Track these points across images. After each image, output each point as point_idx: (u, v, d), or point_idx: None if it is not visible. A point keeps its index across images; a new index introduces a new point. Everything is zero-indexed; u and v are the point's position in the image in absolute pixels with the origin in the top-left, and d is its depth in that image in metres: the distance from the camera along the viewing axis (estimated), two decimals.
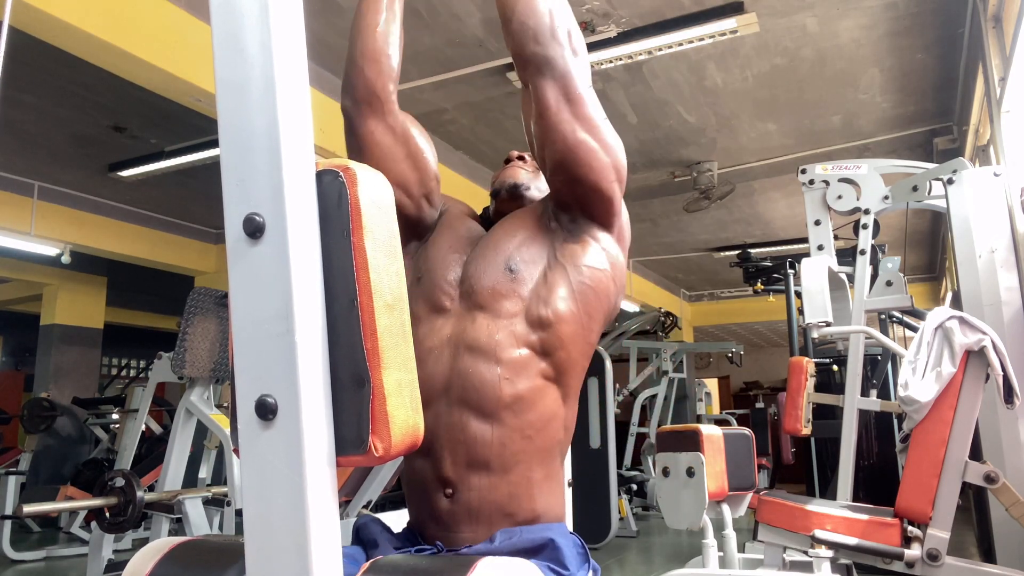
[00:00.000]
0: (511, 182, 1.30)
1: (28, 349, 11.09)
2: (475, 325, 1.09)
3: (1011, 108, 3.33)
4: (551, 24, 1.10)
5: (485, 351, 1.06)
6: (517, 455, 1.05)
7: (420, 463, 1.07)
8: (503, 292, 1.10)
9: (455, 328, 1.10)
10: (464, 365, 1.06)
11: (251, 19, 0.71)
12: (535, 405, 1.07)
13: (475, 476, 1.04)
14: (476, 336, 1.08)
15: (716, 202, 6.48)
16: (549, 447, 1.09)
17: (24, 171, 6.07)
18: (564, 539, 1.01)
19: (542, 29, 1.09)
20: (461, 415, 1.05)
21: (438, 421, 1.05)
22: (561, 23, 1.11)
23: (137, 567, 0.90)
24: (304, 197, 0.71)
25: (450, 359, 1.08)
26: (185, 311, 3.15)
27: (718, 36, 4.06)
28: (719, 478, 2.71)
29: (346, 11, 3.89)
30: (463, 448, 1.04)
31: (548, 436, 1.08)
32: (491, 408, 1.04)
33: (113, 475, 2.90)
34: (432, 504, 1.06)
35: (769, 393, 12.56)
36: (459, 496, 1.04)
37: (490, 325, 1.08)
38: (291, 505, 0.67)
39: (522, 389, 1.06)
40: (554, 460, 1.11)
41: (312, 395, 0.68)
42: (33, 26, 3.16)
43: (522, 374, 1.06)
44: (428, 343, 1.10)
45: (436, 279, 1.15)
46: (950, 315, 2.02)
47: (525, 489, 1.05)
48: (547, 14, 1.10)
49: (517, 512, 1.04)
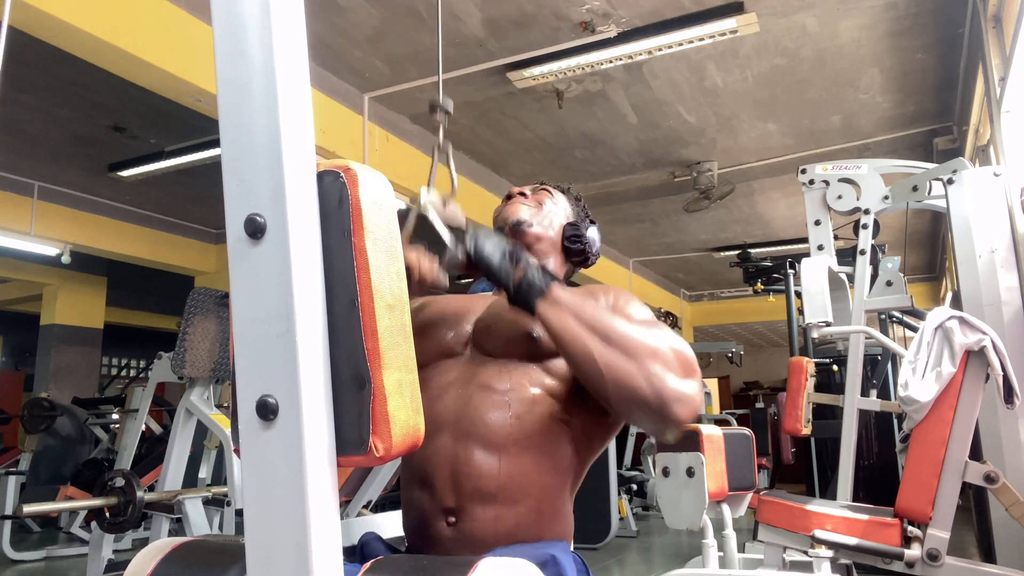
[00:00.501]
0: (514, 219, 1.29)
1: (28, 349, 11.08)
2: (486, 367, 1.09)
3: (1011, 108, 3.33)
4: (660, 402, 0.94)
5: (497, 388, 1.07)
6: (525, 488, 1.04)
7: (419, 494, 1.07)
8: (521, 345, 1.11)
9: (467, 369, 1.11)
10: (474, 402, 1.06)
11: (252, 19, 0.71)
12: (546, 443, 1.06)
13: (479, 507, 1.03)
14: (488, 375, 1.08)
15: (716, 202, 6.48)
16: (559, 482, 1.08)
17: (24, 171, 6.07)
18: (565, 556, 1.00)
19: (652, 411, 0.95)
20: (467, 447, 1.04)
21: (441, 453, 1.05)
22: (667, 386, 0.94)
23: (138, 568, 0.90)
24: (305, 197, 0.71)
25: (458, 395, 1.08)
26: (185, 311, 3.15)
27: (718, 36, 4.06)
28: (719, 478, 2.70)
29: (346, 11, 3.89)
30: (467, 480, 1.03)
31: (558, 473, 1.08)
32: (500, 441, 1.04)
33: (113, 475, 2.90)
34: (433, 532, 1.05)
35: (769, 393, 12.55)
36: (462, 525, 1.03)
37: (502, 368, 1.09)
38: (291, 505, 0.67)
39: (533, 427, 1.05)
40: (563, 492, 1.10)
41: (313, 395, 0.68)
42: (33, 26, 3.16)
43: (533, 411, 1.06)
44: (438, 382, 1.11)
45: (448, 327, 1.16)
46: (950, 315, 2.02)
47: (533, 520, 1.04)
48: (653, 394, 0.94)
49: (523, 539, 1.04)
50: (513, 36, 4.17)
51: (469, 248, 1.03)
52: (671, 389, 0.94)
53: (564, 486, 1.10)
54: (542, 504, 1.05)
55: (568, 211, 1.38)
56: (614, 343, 0.95)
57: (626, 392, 0.94)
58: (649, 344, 0.96)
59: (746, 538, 3.65)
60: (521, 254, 1.03)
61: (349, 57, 4.39)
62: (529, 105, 5.08)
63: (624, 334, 0.96)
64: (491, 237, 1.04)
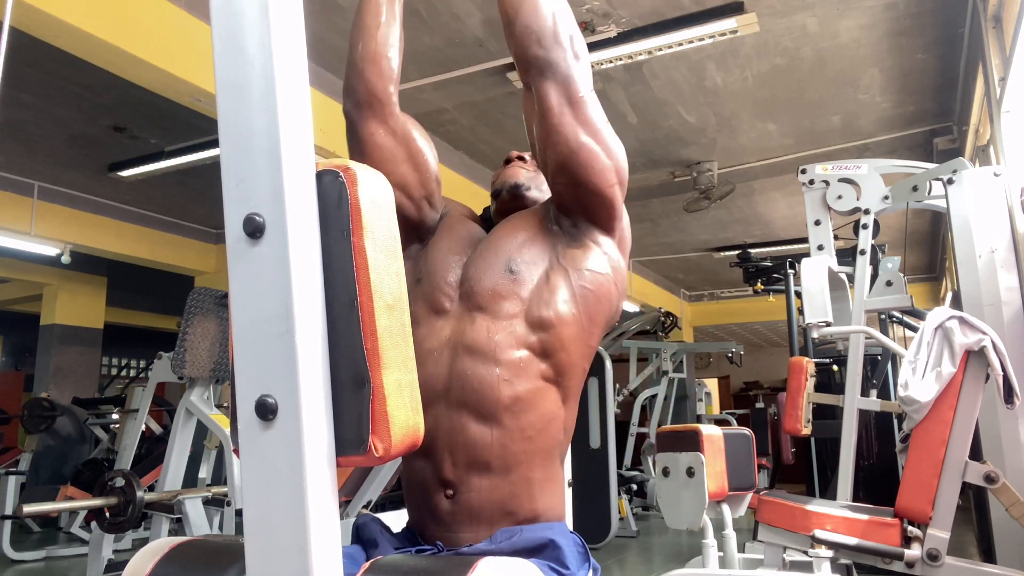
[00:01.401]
0: (512, 182, 1.30)
1: (28, 349, 11.09)
2: (474, 326, 1.09)
3: (1011, 108, 3.33)
4: (554, 28, 1.11)
5: (484, 352, 1.06)
6: (517, 456, 1.05)
7: (420, 464, 1.07)
8: (503, 293, 1.10)
9: (454, 329, 1.10)
10: (463, 367, 1.06)
11: (251, 19, 0.71)
12: (535, 406, 1.07)
13: (476, 477, 1.04)
14: (475, 337, 1.08)
15: (716, 202, 6.48)
16: (549, 448, 1.09)
17: (24, 171, 6.07)
18: (564, 538, 1.01)
19: (545, 33, 1.10)
20: (461, 417, 1.05)
21: (438, 423, 1.05)
22: (564, 27, 1.12)
23: (137, 567, 0.90)
24: (304, 197, 0.71)
25: (449, 361, 1.08)
26: (185, 311, 3.15)
27: (718, 36, 4.06)
28: (719, 478, 2.71)
29: (346, 11, 3.89)
30: (463, 450, 1.04)
31: (548, 437, 1.09)
32: (490, 410, 1.04)
33: (113, 475, 2.90)
34: (432, 504, 1.06)
35: (769, 393, 12.56)
36: (460, 497, 1.04)
37: (489, 326, 1.08)
38: (291, 505, 0.67)
39: (521, 390, 1.06)
40: (554, 461, 1.11)
41: (312, 395, 0.68)
42: (33, 26, 3.16)
43: (521, 375, 1.06)
44: (427, 344, 1.10)
45: (436, 280, 1.15)
46: (950, 315, 2.02)
47: (526, 489, 1.05)
48: (550, 18, 1.11)
49: (518, 512, 1.05)
50: None
51: None
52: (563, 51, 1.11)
53: (554, 450, 1.11)
54: (534, 472, 1.07)
55: None
56: None
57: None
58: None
59: (746, 538, 3.65)
60: None
61: None
62: None
63: None
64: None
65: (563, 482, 1.15)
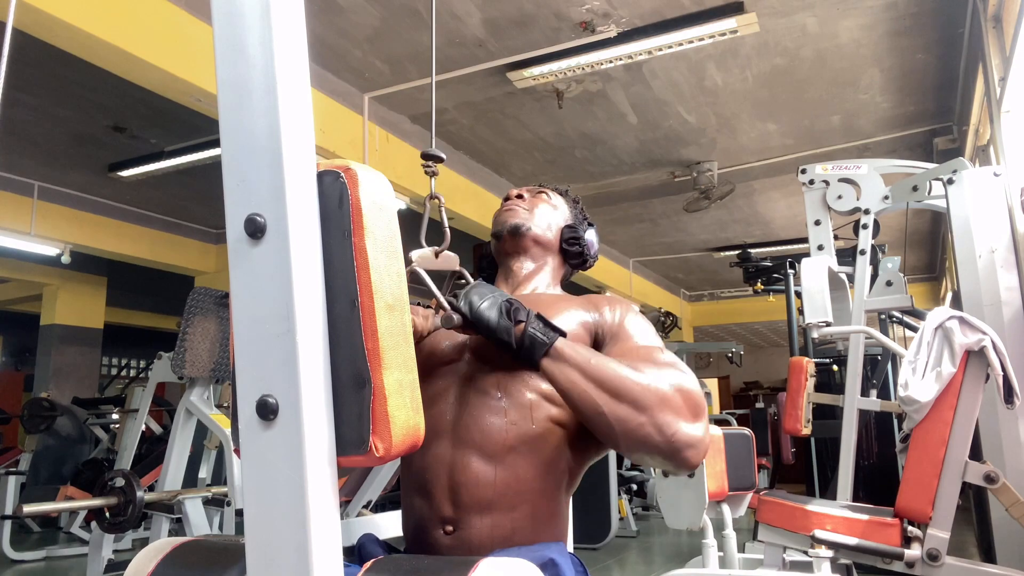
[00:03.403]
0: (512, 223, 1.30)
1: (28, 349, 11.09)
2: (483, 373, 1.09)
3: (1011, 108, 3.33)
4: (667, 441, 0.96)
5: (493, 394, 1.06)
6: (522, 495, 1.04)
7: (418, 502, 1.07)
8: None
9: (464, 373, 1.11)
10: (471, 408, 1.06)
11: (252, 19, 0.71)
12: (541, 448, 1.06)
13: (476, 516, 1.03)
14: (484, 380, 1.08)
15: (716, 202, 6.48)
16: (555, 487, 1.09)
17: (24, 171, 6.07)
18: (563, 558, 1.00)
19: (661, 451, 0.97)
20: (464, 455, 1.04)
21: (439, 460, 1.05)
22: (675, 433, 0.96)
23: (138, 567, 0.90)
24: (305, 198, 0.71)
25: (457, 400, 1.08)
26: (185, 311, 3.14)
27: (718, 36, 4.06)
28: (719, 478, 2.71)
29: (346, 11, 3.89)
30: (464, 489, 1.03)
31: (553, 477, 1.08)
32: (496, 450, 1.04)
33: (113, 475, 2.90)
34: (432, 540, 1.05)
35: (769, 393, 12.55)
36: (460, 534, 1.03)
37: (499, 374, 1.08)
38: (292, 505, 0.67)
39: (528, 432, 1.05)
40: (559, 496, 1.10)
41: (313, 395, 0.68)
42: (33, 26, 3.16)
43: (529, 418, 1.06)
44: (435, 387, 1.10)
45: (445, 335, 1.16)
46: (950, 315, 2.02)
47: (529, 525, 1.05)
48: (658, 435, 0.96)
49: (521, 544, 1.04)
50: (513, 36, 4.17)
51: (464, 309, 1.00)
52: (682, 436, 0.95)
53: (559, 489, 1.10)
54: (538, 509, 1.06)
55: (566, 213, 1.38)
56: (623, 397, 0.95)
57: (638, 443, 0.96)
58: (658, 391, 0.96)
59: (746, 538, 3.65)
60: (519, 307, 1.00)
61: (349, 57, 4.39)
62: (529, 105, 5.08)
63: (631, 385, 0.96)
64: (484, 295, 1.01)
65: (567, 513, 1.14)
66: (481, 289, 1.03)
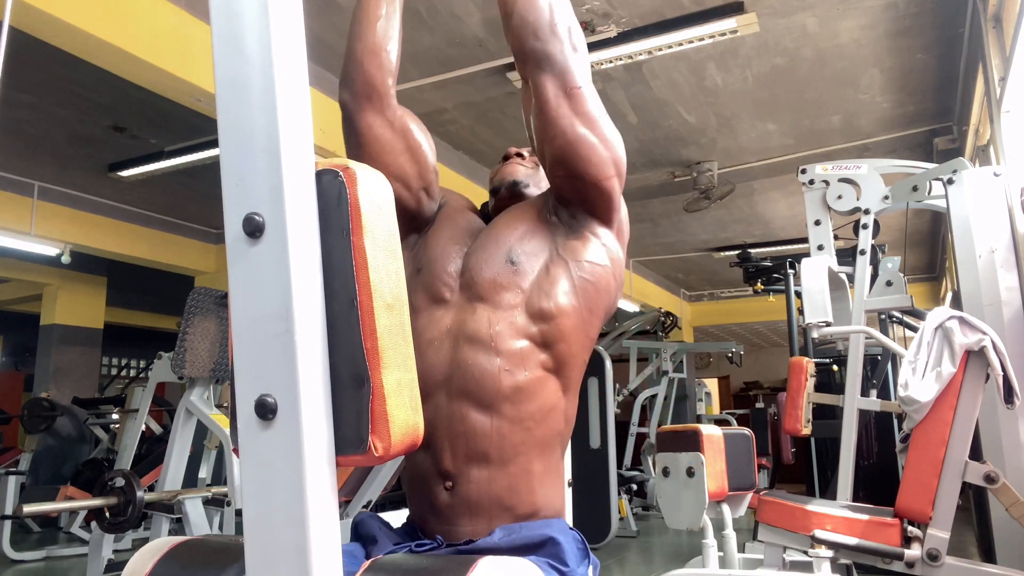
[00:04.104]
0: (510, 179, 1.30)
1: (28, 349, 11.09)
2: (475, 316, 1.09)
3: (1011, 108, 3.33)
4: (551, 20, 1.11)
5: (484, 342, 1.06)
6: (516, 447, 1.05)
7: (420, 456, 1.07)
8: (504, 283, 1.10)
9: (455, 319, 1.10)
10: (463, 356, 1.07)
11: (251, 19, 0.71)
12: (535, 396, 1.07)
13: (474, 468, 1.04)
14: (476, 327, 1.08)
15: (716, 202, 6.48)
16: (549, 439, 1.09)
17: (24, 171, 6.07)
18: (564, 535, 1.01)
19: (542, 24, 1.10)
20: (460, 406, 1.05)
21: (438, 413, 1.05)
22: (561, 19, 1.12)
23: (137, 567, 0.90)
24: (304, 197, 0.71)
25: (450, 350, 1.08)
26: (185, 311, 3.15)
27: (718, 36, 4.06)
28: (719, 478, 2.71)
29: (346, 11, 3.89)
30: (462, 440, 1.04)
31: (548, 428, 1.09)
32: (490, 399, 1.04)
33: (113, 475, 2.90)
34: (432, 497, 1.06)
35: (769, 393, 12.56)
36: (458, 489, 1.04)
37: (490, 316, 1.08)
38: (291, 505, 0.67)
39: (521, 380, 1.06)
40: (554, 453, 1.11)
41: (312, 395, 0.68)
42: (33, 26, 3.16)
43: (522, 365, 1.06)
44: (428, 334, 1.10)
45: (436, 270, 1.15)
46: (950, 315, 2.02)
47: (524, 482, 1.05)
48: (547, 10, 1.11)
49: (516, 505, 1.04)
50: None
51: None
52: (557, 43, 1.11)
53: (554, 441, 1.10)
54: (533, 462, 1.06)
55: None
56: None
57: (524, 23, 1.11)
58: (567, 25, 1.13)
59: (746, 538, 3.65)
60: None
61: None
62: None
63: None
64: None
65: (563, 476, 1.15)
66: None
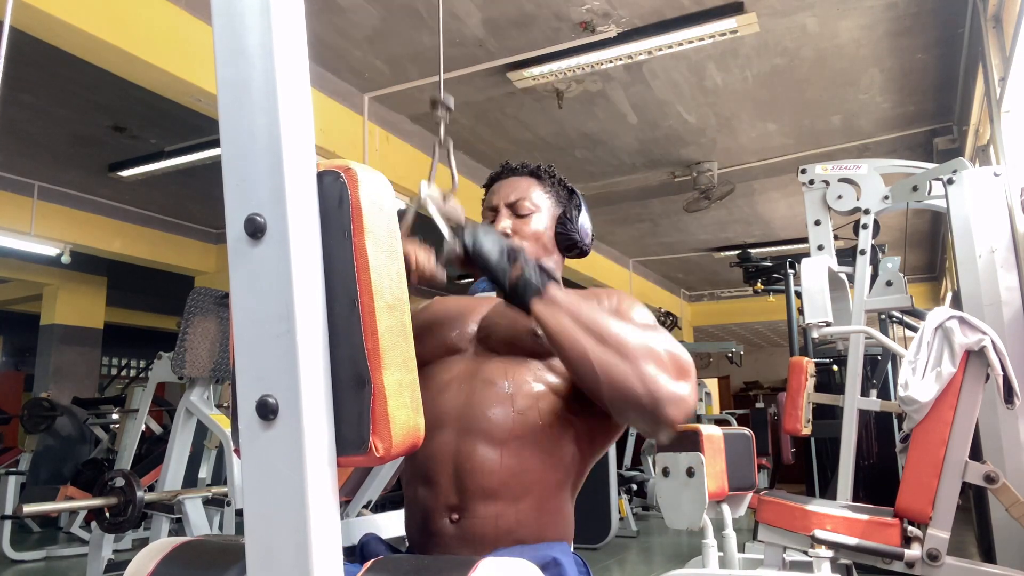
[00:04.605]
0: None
1: (28, 349, 11.08)
2: (490, 363, 1.10)
3: (1011, 108, 3.33)
4: (653, 400, 0.94)
5: (501, 383, 1.07)
6: (527, 485, 1.04)
7: (422, 491, 1.07)
8: (526, 345, 1.11)
9: (470, 365, 1.11)
10: (478, 396, 1.07)
11: (252, 19, 0.71)
12: (548, 439, 1.06)
13: (482, 505, 1.03)
14: (491, 371, 1.08)
15: (716, 202, 6.48)
16: (560, 480, 1.08)
17: (24, 171, 6.07)
18: (566, 557, 1.00)
19: (644, 408, 0.95)
20: (470, 443, 1.04)
21: (444, 449, 1.05)
22: (659, 384, 0.94)
23: (138, 567, 0.90)
24: (305, 198, 0.71)
25: (464, 391, 1.08)
26: (185, 311, 3.14)
27: (718, 36, 4.06)
28: (719, 478, 2.70)
29: (346, 11, 3.89)
30: (471, 476, 1.03)
31: (559, 470, 1.08)
32: (502, 437, 1.04)
33: (113, 475, 2.90)
34: (436, 528, 1.05)
35: (769, 393, 12.55)
36: (464, 523, 1.03)
37: (507, 364, 1.09)
38: (292, 505, 0.67)
39: (535, 422, 1.06)
40: (564, 491, 1.10)
41: (313, 395, 0.68)
42: (33, 26, 3.16)
43: (536, 407, 1.06)
44: (441, 378, 1.11)
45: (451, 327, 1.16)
46: (950, 315, 2.02)
47: (534, 518, 1.05)
48: (640, 385, 0.94)
49: (525, 538, 1.04)
50: (513, 36, 4.17)
51: (467, 244, 1.01)
52: (665, 390, 0.93)
53: (566, 484, 1.10)
54: (543, 502, 1.06)
55: (549, 205, 1.33)
56: (609, 344, 0.95)
57: (620, 392, 0.94)
58: (644, 345, 0.96)
59: (746, 538, 3.65)
60: (519, 252, 1.02)
61: (349, 57, 4.39)
62: (529, 105, 5.08)
63: (619, 335, 0.96)
64: (490, 234, 1.03)
65: (571, 510, 1.14)
66: (487, 228, 1.05)
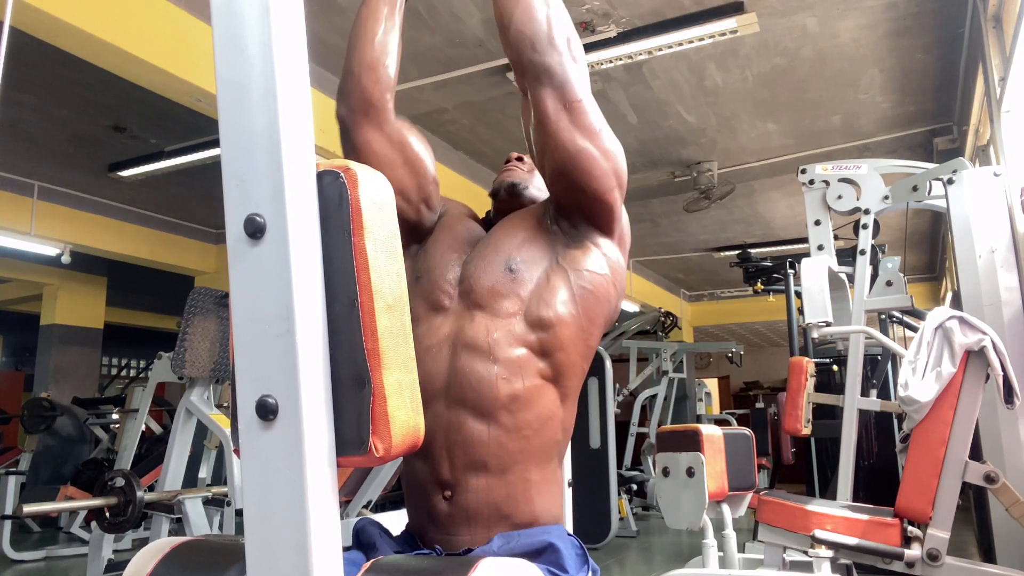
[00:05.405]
0: (509, 181, 1.31)
1: (28, 349, 11.09)
2: (473, 324, 1.09)
3: (1011, 108, 3.33)
4: (549, 32, 1.09)
5: (482, 349, 1.06)
6: (514, 456, 1.05)
7: (419, 465, 1.07)
8: (502, 291, 1.10)
9: (453, 327, 1.11)
10: (462, 364, 1.07)
11: (252, 19, 0.71)
12: (532, 405, 1.07)
13: (473, 477, 1.04)
14: (474, 335, 1.08)
15: (716, 202, 6.48)
16: (546, 448, 1.09)
17: (24, 171, 6.07)
18: (563, 541, 1.01)
19: (540, 37, 1.09)
20: (459, 415, 1.05)
21: (437, 421, 1.05)
22: (559, 30, 1.10)
23: (138, 567, 0.90)
24: (305, 197, 0.71)
25: (448, 358, 1.08)
26: (185, 311, 3.15)
27: (718, 36, 4.06)
28: (719, 478, 2.70)
29: (346, 11, 3.89)
30: (460, 449, 1.04)
31: (545, 437, 1.09)
32: (488, 407, 1.04)
33: (113, 475, 2.90)
34: (431, 506, 1.06)
35: (769, 393, 12.56)
36: (457, 498, 1.04)
37: (488, 324, 1.08)
38: (291, 505, 0.67)
39: (519, 389, 1.06)
40: (551, 461, 1.11)
41: (313, 395, 0.68)
42: (33, 26, 3.16)
43: (519, 373, 1.06)
44: (426, 342, 1.10)
45: (435, 278, 1.16)
46: (950, 315, 2.02)
47: (523, 491, 1.05)
48: (545, 21, 1.10)
49: (514, 514, 1.05)
50: None
51: None
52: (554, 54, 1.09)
53: (552, 450, 1.10)
54: (531, 471, 1.07)
55: None
56: None
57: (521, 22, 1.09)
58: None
59: (746, 538, 3.65)
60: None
61: None
62: None
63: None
64: None
65: (562, 484, 1.15)
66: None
